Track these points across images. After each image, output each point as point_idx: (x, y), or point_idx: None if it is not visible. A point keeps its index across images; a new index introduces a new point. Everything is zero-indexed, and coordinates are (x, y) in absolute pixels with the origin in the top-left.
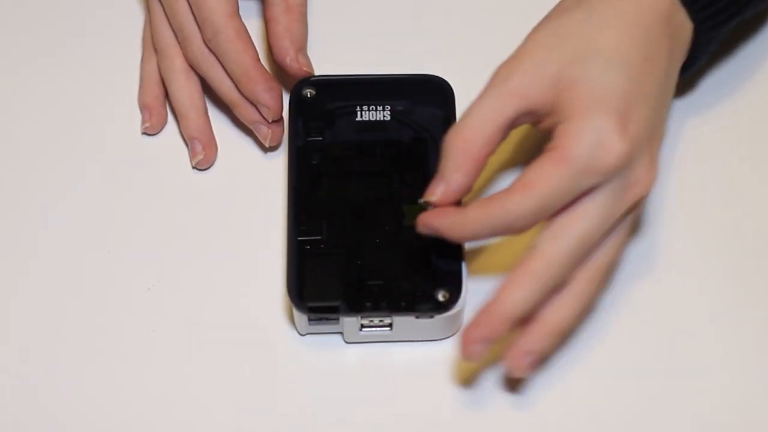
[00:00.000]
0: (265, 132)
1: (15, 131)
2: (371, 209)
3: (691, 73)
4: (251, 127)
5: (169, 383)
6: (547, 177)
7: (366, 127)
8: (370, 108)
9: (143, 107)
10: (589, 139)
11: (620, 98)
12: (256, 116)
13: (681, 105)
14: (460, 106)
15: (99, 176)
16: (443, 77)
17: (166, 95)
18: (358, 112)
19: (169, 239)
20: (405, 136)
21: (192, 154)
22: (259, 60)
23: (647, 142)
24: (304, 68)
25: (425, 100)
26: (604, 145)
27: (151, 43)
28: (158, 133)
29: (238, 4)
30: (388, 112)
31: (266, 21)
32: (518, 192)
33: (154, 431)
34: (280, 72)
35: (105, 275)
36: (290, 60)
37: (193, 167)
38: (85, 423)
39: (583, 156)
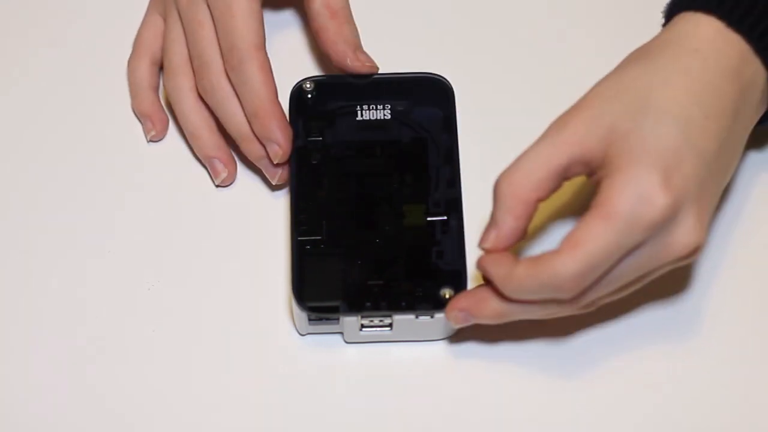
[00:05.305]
0: (273, 171)
1: (15, 131)
2: (371, 209)
3: None
4: (257, 164)
5: (170, 383)
6: (593, 235)
7: (366, 126)
8: (371, 108)
9: (143, 116)
10: (632, 192)
11: (668, 152)
12: (263, 152)
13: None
14: (461, 106)
15: (99, 176)
16: (444, 77)
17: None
18: (359, 112)
19: (169, 239)
20: (405, 135)
21: (214, 174)
22: (277, 97)
23: (695, 199)
24: (367, 64)
25: (425, 100)
26: (647, 198)
27: (143, 48)
28: (163, 138)
29: (265, 38)
30: (389, 112)
31: (315, 33)
32: (565, 252)
33: (155, 431)
34: None
35: (105, 275)
36: (351, 60)
37: (217, 186)
38: (86, 423)
39: (626, 210)
